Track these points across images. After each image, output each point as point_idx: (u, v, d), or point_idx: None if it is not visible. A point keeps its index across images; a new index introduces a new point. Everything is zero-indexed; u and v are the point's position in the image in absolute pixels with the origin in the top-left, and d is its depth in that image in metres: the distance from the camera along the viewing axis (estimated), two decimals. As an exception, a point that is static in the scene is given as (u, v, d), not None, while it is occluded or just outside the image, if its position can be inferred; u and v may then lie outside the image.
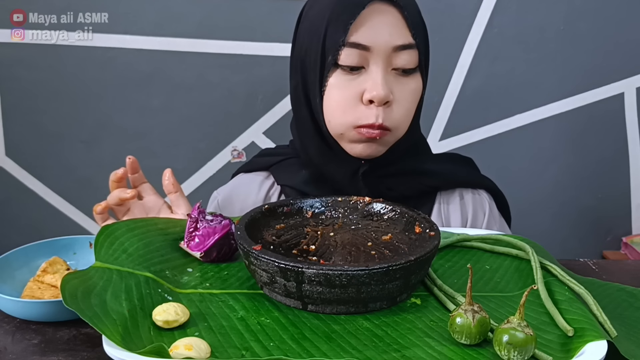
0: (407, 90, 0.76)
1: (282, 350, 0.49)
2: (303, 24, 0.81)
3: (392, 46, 0.73)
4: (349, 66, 0.74)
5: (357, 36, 0.73)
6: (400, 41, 0.74)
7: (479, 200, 0.87)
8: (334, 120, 0.77)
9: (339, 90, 0.76)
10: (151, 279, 0.59)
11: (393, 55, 0.74)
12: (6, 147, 1.63)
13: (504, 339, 0.48)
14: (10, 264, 0.66)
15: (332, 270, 0.53)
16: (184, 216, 0.76)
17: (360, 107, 0.75)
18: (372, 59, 0.74)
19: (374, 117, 0.74)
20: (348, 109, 0.75)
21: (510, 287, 0.63)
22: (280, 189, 0.88)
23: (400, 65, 0.75)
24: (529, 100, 1.68)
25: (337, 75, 0.75)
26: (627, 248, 1.74)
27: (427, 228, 0.63)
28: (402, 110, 0.76)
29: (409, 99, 0.76)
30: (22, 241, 0.71)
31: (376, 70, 0.74)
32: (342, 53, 0.74)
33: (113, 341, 0.47)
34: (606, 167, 1.75)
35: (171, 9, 1.56)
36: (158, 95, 1.61)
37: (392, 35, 0.73)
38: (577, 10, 1.60)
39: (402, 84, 0.76)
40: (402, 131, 0.78)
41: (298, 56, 0.81)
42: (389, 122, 0.75)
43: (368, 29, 0.73)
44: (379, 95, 0.73)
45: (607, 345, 0.49)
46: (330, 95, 0.76)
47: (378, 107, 0.74)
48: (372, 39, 0.73)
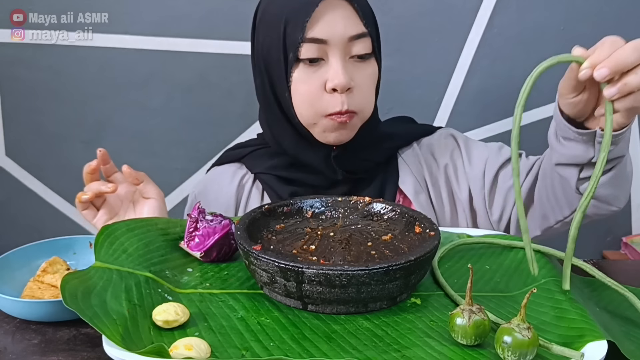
0: (365, 75, 0.82)
1: (282, 350, 0.49)
2: (260, 24, 0.86)
3: (347, 37, 0.79)
4: (310, 59, 0.80)
5: (314, 32, 0.79)
6: (354, 31, 0.80)
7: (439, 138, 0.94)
8: (305, 112, 0.83)
9: (304, 83, 0.81)
10: (151, 279, 0.59)
11: (349, 44, 0.80)
12: (6, 147, 1.63)
13: (504, 340, 0.48)
14: (10, 264, 0.66)
15: (332, 270, 0.53)
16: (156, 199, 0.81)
17: (325, 97, 0.80)
18: (330, 50, 0.79)
19: (340, 104, 0.80)
20: (315, 99, 0.81)
21: (510, 287, 0.63)
22: (254, 177, 0.93)
23: (356, 53, 0.81)
24: (529, 100, 1.67)
25: (300, 69, 0.81)
26: (627, 248, 1.74)
27: (427, 228, 0.63)
28: (363, 94, 0.82)
29: (367, 82, 0.83)
30: (22, 241, 0.71)
31: (335, 60, 0.79)
32: (301, 49, 0.79)
33: (113, 341, 0.48)
34: (606, 167, 1.74)
35: (171, 9, 1.55)
36: (158, 95, 1.61)
37: (346, 27, 0.79)
38: (577, 10, 1.60)
39: (360, 70, 0.82)
40: (367, 113, 0.85)
41: (260, 54, 0.86)
42: (354, 107, 0.81)
43: (323, 24, 0.79)
44: (341, 82, 0.78)
45: (607, 345, 0.49)
46: (296, 89, 0.82)
47: (341, 94, 0.80)
48: (328, 33, 0.79)
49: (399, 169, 0.91)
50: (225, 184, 0.93)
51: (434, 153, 0.93)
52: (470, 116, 1.68)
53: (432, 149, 0.94)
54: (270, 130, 0.90)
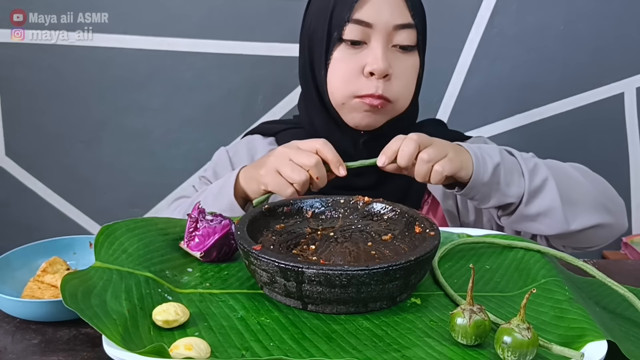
0: (406, 66, 0.83)
1: (282, 350, 0.49)
2: (312, 6, 0.88)
3: (392, 24, 0.80)
4: (352, 40, 0.81)
5: (361, 14, 0.80)
6: (400, 20, 0.81)
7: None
8: (337, 91, 0.84)
9: (343, 62, 0.82)
10: (151, 279, 0.59)
11: (393, 33, 0.81)
12: (6, 147, 1.63)
13: (504, 340, 0.48)
14: (10, 264, 0.66)
15: (332, 270, 0.53)
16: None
17: (361, 79, 0.82)
18: (373, 35, 0.81)
19: (374, 87, 0.81)
20: (351, 79, 0.82)
21: (510, 287, 0.63)
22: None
23: (399, 43, 0.82)
24: (529, 100, 1.68)
25: (341, 49, 0.82)
26: (627, 248, 1.74)
27: (427, 228, 0.63)
28: (401, 84, 0.83)
29: (407, 74, 0.84)
30: (22, 241, 0.71)
31: (377, 46, 0.81)
32: (346, 29, 0.81)
33: (113, 341, 0.47)
34: (606, 167, 1.74)
35: (171, 9, 1.55)
36: (158, 95, 1.61)
37: (393, 15, 0.80)
38: (577, 10, 1.60)
39: (401, 60, 0.82)
40: (402, 104, 0.85)
41: (306, 35, 0.88)
42: (389, 94, 0.82)
43: (371, 7, 0.80)
44: (380, 68, 0.79)
45: (607, 345, 0.49)
46: (334, 68, 0.83)
47: (378, 79, 0.81)
48: (375, 17, 0.80)
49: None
50: (258, 152, 0.95)
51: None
52: (470, 116, 1.68)
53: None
54: (305, 110, 0.92)
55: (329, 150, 0.75)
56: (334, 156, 0.75)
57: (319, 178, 0.74)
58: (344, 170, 0.75)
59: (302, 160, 0.74)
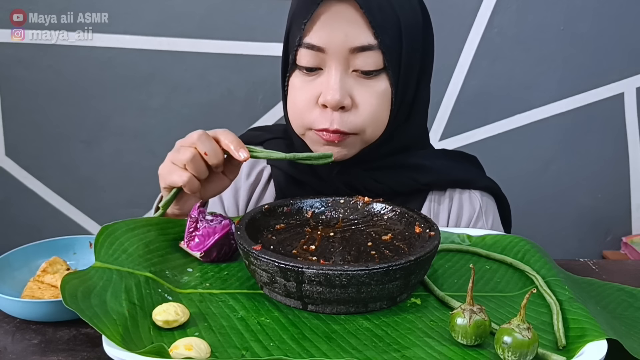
0: (370, 93, 0.72)
1: (282, 350, 0.49)
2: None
3: (348, 47, 0.69)
4: (306, 67, 0.72)
5: (312, 37, 0.70)
6: (358, 42, 0.69)
7: (468, 200, 0.82)
8: (294, 122, 0.76)
9: (298, 91, 0.74)
10: (151, 279, 0.59)
11: (351, 57, 0.70)
12: (6, 147, 1.63)
13: (504, 340, 0.48)
14: (10, 264, 0.66)
15: (332, 270, 0.53)
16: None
17: (316, 110, 0.72)
18: (328, 60, 0.70)
19: (328, 121, 0.71)
20: (305, 111, 0.73)
21: (510, 287, 0.63)
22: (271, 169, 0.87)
23: (359, 68, 0.70)
24: (529, 100, 1.68)
25: (296, 75, 0.74)
26: (627, 248, 1.74)
27: (427, 228, 0.63)
28: (364, 114, 0.72)
29: (372, 102, 0.72)
30: (22, 241, 0.71)
31: (331, 73, 0.70)
32: (298, 54, 0.71)
33: (113, 341, 0.47)
34: (606, 167, 1.74)
35: (171, 9, 1.56)
36: (158, 95, 1.61)
37: (349, 36, 0.69)
38: (577, 10, 1.60)
39: (364, 87, 0.71)
40: (371, 134, 0.74)
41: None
42: (347, 127, 0.72)
43: (323, 29, 0.70)
44: (333, 99, 0.69)
45: (607, 345, 0.49)
46: (291, 96, 0.75)
47: (333, 111, 0.71)
48: (327, 40, 0.69)
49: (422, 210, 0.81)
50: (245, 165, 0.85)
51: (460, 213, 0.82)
52: (470, 116, 1.68)
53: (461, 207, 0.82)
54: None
55: (224, 137, 0.65)
56: (230, 141, 0.65)
57: (207, 153, 0.64)
58: (245, 153, 0.64)
59: (188, 140, 0.66)
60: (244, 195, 0.86)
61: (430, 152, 0.85)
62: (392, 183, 0.79)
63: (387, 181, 0.79)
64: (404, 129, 0.78)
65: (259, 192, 0.87)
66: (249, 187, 0.86)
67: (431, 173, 0.81)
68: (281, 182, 0.85)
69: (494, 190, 0.85)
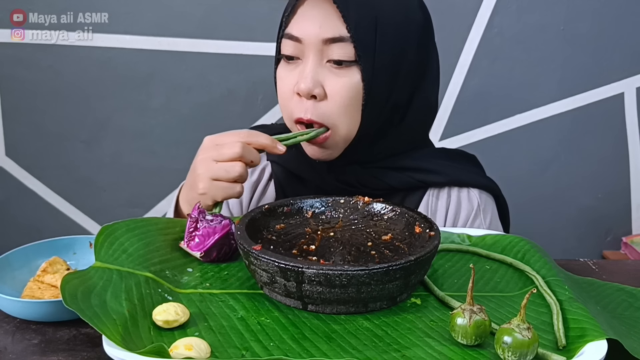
0: (341, 84, 0.74)
1: (282, 350, 0.49)
2: None
3: (321, 38, 0.73)
4: (286, 55, 0.76)
5: (291, 27, 0.75)
6: (330, 34, 0.73)
7: (467, 198, 0.83)
8: (283, 113, 0.79)
9: (282, 81, 0.78)
10: (151, 279, 0.59)
11: (325, 47, 0.73)
12: (6, 147, 1.63)
13: (504, 340, 0.48)
14: (10, 264, 0.66)
15: (332, 270, 0.53)
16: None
17: (294, 99, 0.76)
18: (305, 50, 0.74)
19: (303, 111, 0.74)
20: (286, 100, 0.77)
21: (510, 287, 0.63)
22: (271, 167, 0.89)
23: (332, 58, 0.74)
24: (529, 100, 1.68)
25: (281, 65, 0.78)
26: (627, 248, 1.74)
27: (427, 228, 0.63)
28: (334, 105, 0.74)
29: (342, 93, 0.74)
30: (22, 241, 0.71)
31: (307, 62, 0.74)
32: (282, 44, 0.76)
33: (113, 341, 0.47)
34: (606, 167, 1.74)
35: (171, 9, 1.56)
36: (158, 95, 1.61)
37: (322, 28, 0.73)
38: (577, 10, 1.60)
39: (336, 77, 0.74)
40: (345, 130, 0.76)
41: None
42: (318, 117, 0.74)
43: (301, 21, 0.75)
44: (305, 87, 0.73)
45: (607, 344, 0.49)
46: (278, 87, 0.79)
47: (307, 100, 0.74)
48: (303, 31, 0.74)
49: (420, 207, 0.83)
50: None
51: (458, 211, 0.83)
52: (470, 116, 1.68)
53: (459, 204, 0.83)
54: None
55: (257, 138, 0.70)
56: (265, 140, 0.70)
57: (253, 161, 0.70)
58: (282, 147, 0.71)
59: (227, 153, 0.69)
60: (247, 193, 0.88)
61: (430, 151, 0.87)
62: (391, 181, 0.81)
63: (387, 179, 0.81)
64: (400, 131, 0.80)
65: (260, 190, 0.89)
66: (251, 185, 0.88)
67: (431, 172, 0.82)
68: (281, 178, 0.87)
69: (492, 189, 0.86)
